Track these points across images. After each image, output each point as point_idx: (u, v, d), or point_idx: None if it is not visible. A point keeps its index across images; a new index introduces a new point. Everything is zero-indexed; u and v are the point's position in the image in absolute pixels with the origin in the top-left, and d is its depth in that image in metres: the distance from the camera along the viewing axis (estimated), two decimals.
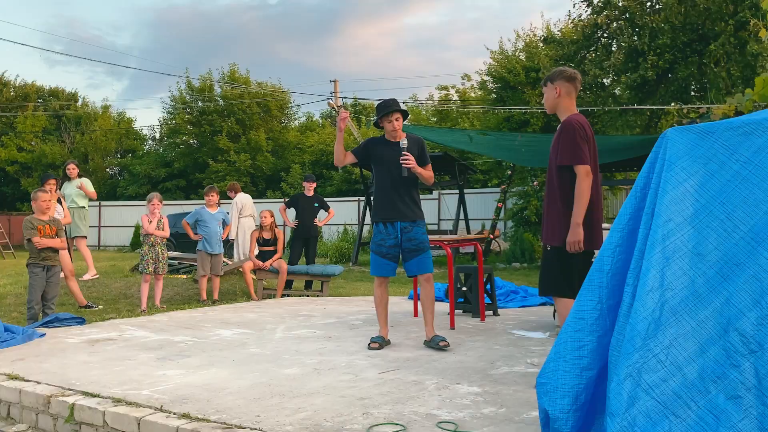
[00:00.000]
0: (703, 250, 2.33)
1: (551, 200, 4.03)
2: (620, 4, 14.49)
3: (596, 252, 4.07)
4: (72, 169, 10.29)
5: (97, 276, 10.38)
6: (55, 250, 6.93)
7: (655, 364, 2.24)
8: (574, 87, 4.08)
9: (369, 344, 5.17)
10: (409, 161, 5.15)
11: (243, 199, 11.38)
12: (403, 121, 5.37)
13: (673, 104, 12.61)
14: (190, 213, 9.26)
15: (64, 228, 7.70)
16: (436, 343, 5.10)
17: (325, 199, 10.46)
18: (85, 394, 3.86)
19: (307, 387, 3.97)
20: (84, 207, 10.13)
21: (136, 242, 24.08)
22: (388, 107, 5.30)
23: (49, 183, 8.53)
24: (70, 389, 3.97)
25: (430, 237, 7.13)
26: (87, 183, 10.36)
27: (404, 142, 5.21)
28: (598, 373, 2.54)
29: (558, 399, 2.55)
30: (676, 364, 2.22)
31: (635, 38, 14.20)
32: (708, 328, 2.23)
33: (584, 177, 3.84)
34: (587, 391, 2.53)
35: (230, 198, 11.50)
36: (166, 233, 8.12)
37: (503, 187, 18.26)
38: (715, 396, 2.16)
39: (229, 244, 11.34)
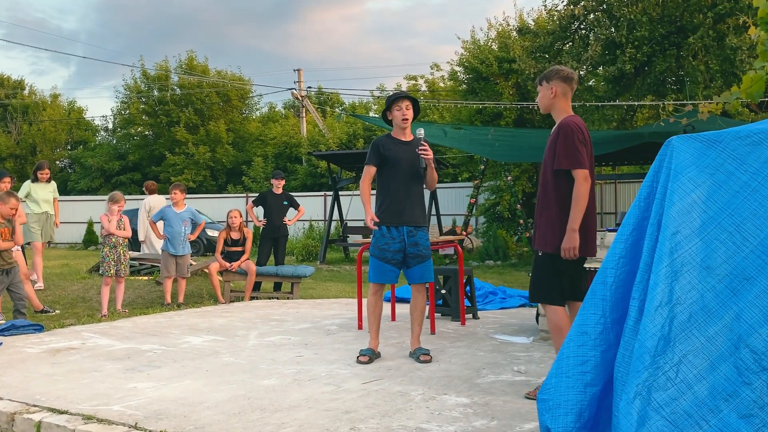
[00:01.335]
0: (712, 264, 2.35)
1: (545, 205, 4.03)
2: None
3: (587, 259, 4.12)
4: (46, 173, 9.86)
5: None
6: (8, 251, 6.92)
7: (665, 382, 2.26)
8: (570, 87, 4.10)
9: (358, 357, 5.02)
10: (428, 152, 5.01)
11: (154, 201, 11.27)
12: (415, 116, 5.18)
13: (662, 103, 12.76)
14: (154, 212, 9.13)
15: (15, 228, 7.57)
16: (417, 357, 5.04)
17: (290, 193, 10.38)
18: (52, 410, 3.77)
19: (288, 399, 3.94)
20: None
21: (90, 239, 23.68)
22: (399, 93, 5.17)
23: (4, 181, 8.34)
24: (35, 405, 3.88)
25: None
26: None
27: (422, 132, 5.05)
28: (602, 389, 2.56)
29: (561, 416, 2.56)
30: (686, 382, 2.25)
31: (613, 30, 14.37)
32: (718, 345, 2.26)
33: (582, 182, 3.86)
34: (591, 408, 2.54)
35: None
36: (128, 233, 8.02)
37: (476, 182, 18.34)
38: (726, 415, 2.19)
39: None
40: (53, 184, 9.97)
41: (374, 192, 5.50)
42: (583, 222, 3.88)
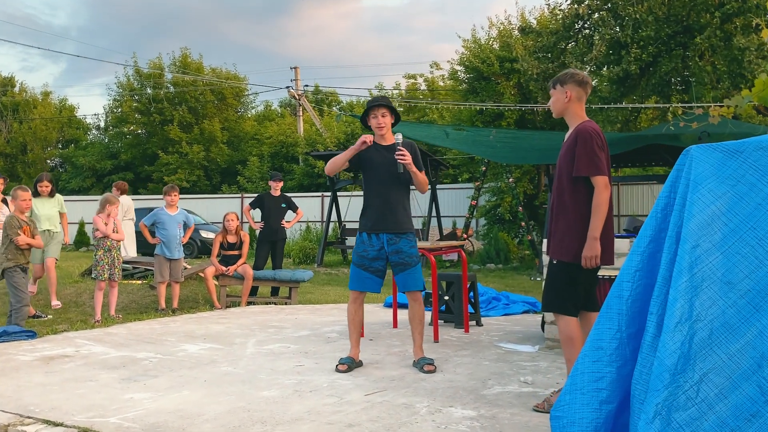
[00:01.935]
0: (733, 279, 2.33)
1: (561, 211, 4.00)
2: None
3: (603, 268, 4.09)
4: (45, 186, 9.00)
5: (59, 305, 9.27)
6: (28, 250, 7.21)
7: (685, 402, 2.23)
8: (585, 92, 4.08)
9: (336, 366, 5.03)
10: (405, 157, 4.97)
11: (127, 201, 11.30)
12: (395, 122, 5.22)
13: (669, 106, 12.74)
14: (147, 213, 9.09)
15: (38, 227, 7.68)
16: (420, 366, 5.02)
17: (287, 194, 10.35)
18: (47, 422, 3.74)
19: (289, 412, 3.90)
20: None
21: (81, 241, 23.61)
22: (374, 101, 5.18)
23: None
24: (29, 417, 3.84)
25: None
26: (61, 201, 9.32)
27: (399, 137, 5.06)
28: (618, 407, 2.53)
29: None
30: (707, 402, 2.22)
31: (618, 30, 14.35)
32: (740, 363, 2.24)
33: (603, 189, 3.83)
34: (606, 426, 2.52)
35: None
36: (123, 236, 8.01)
37: (477, 183, 18.33)
38: None
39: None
40: (58, 199, 9.14)
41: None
42: (602, 230, 3.85)
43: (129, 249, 11.49)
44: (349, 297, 5.21)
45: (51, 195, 9.04)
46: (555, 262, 3.99)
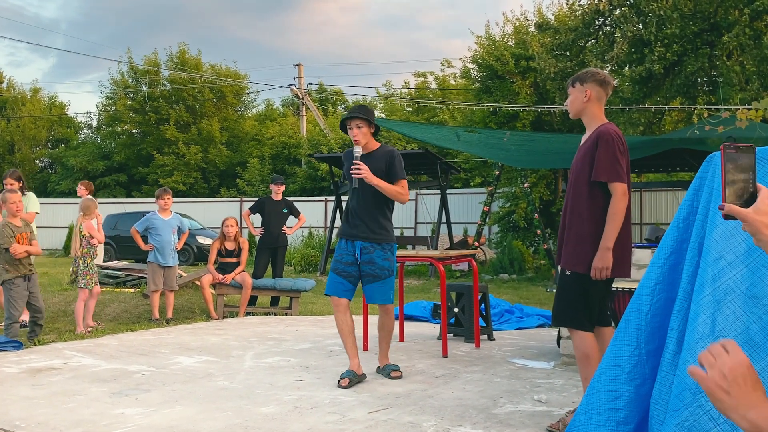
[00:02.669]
0: (758, 293, 2.33)
1: (574, 219, 3.99)
2: None
3: (621, 280, 4.09)
4: (11, 183, 8.38)
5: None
6: (30, 256, 7.18)
7: (707, 422, 2.24)
8: (606, 92, 4.06)
9: (339, 381, 5.07)
10: (360, 171, 5.02)
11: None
12: (375, 131, 5.30)
13: (694, 108, 12.73)
14: (141, 217, 9.12)
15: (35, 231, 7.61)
16: (387, 373, 5.30)
17: (288, 198, 10.38)
18: None
19: (288, 430, 3.92)
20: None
21: (70, 246, 23.66)
22: (349, 113, 5.31)
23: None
24: None
25: (420, 252, 7.14)
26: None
27: (358, 150, 5.12)
28: (635, 428, 2.53)
29: None
30: (730, 422, 2.22)
31: (640, 27, 14.36)
32: (765, 382, 2.24)
33: (621, 197, 3.83)
34: None
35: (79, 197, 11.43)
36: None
37: (490, 189, 18.32)
38: None
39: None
40: (29, 196, 8.54)
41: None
42: (618, 240, 3.84)
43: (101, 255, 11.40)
44: (332, 306, 5.35)
45: (22, 192, 8.16)
46: (569, 273, 3.98)
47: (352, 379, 5.07)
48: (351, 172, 5.07)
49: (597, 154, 3.89)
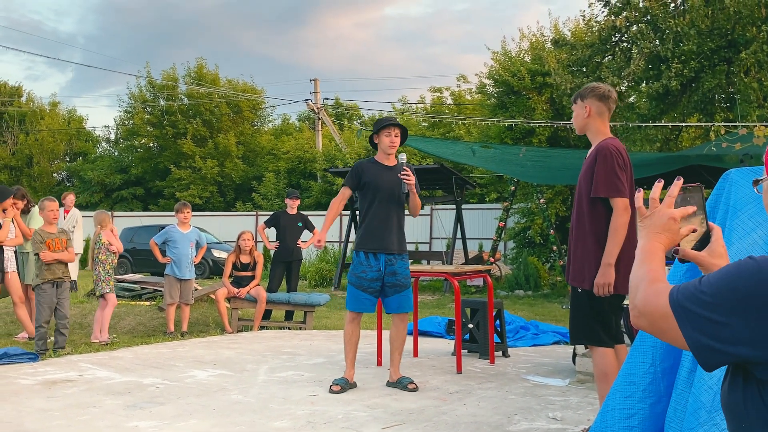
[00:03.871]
0: None
1: (580, 235, 3.99)
2: (641, 5, 14.61)
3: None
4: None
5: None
6: (64, 263, 7.25)
7: None
8: (607, 106, 4.05)
9: (330, 387, 5.29)
10: (410, 178, 5.30)
11: (79, 213, 11.67)
12: (401, 144, 5.54)
13: (711, 125, 12.66)
14: (157, 230, 9.18)
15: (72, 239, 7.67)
16: (404, 386, 5.36)
17: (303, 212, 10.40)
18: None
19: None
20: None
21: (86, 259, 23.78)
22: (390, 120, 5.53)
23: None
24: None
25: (435, 268, 7.15)
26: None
27: (404, 157, 5.40)
28: None
29: None
30: None
31: (658, 43, 14.32)
32: None
33: (622, 212, 3.82)
34: None
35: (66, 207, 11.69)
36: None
37: (505, 204, 18.28)
38: None
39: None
40: (32, 213, 8.38)
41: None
42: (622, 256, 3.81)
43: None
44: (347, 317, 5.49)
45: (25, 211, 8.36)
46: (580, 290, 3.96)
47: (344, 386, 5.30)
48: (402, 177, 5.27)
49: (596, 169, 3.89)
